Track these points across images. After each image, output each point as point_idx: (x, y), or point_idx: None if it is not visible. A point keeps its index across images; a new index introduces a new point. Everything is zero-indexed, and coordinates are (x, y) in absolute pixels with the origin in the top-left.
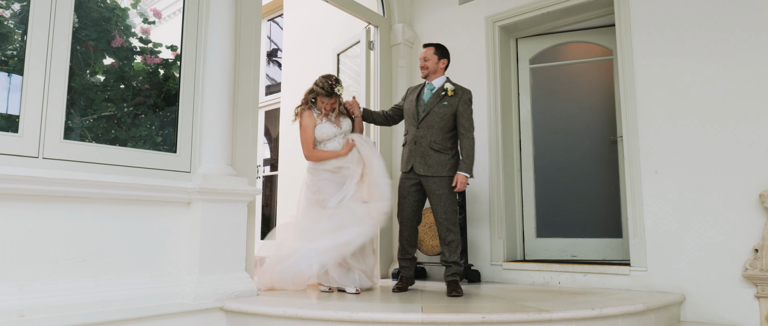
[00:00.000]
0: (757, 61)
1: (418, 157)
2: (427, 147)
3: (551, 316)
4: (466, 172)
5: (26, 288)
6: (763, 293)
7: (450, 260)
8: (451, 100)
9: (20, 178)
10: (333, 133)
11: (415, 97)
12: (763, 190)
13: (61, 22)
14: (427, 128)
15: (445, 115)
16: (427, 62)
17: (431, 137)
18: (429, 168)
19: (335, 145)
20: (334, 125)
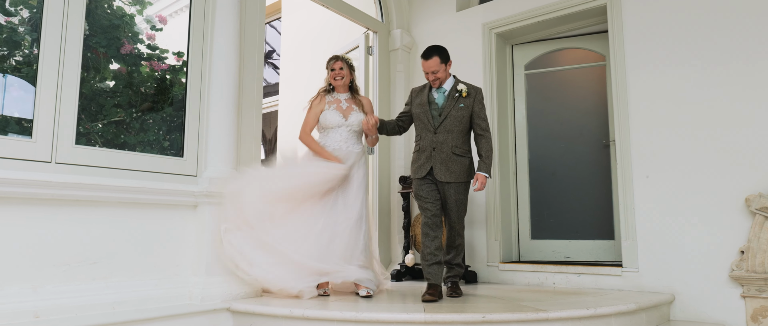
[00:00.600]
0: (743, 69)
1: (439, 163)
2: (450, 152)
3: (548, 315)
4: (486, 173)
5: (40, 289)
6: (749, 293)
7: (454, 262)
8: (467, 100)
9: (34, 183)
10: (337, 123)
11: (426, 100)
12: (749, 194)
13: (73, 30)
14: (446, 133)
15: (464, 118)
16: (437, 74)
17: (452, 142)
18: (451, 174)
19: (337, 137)
20: (340, 115)
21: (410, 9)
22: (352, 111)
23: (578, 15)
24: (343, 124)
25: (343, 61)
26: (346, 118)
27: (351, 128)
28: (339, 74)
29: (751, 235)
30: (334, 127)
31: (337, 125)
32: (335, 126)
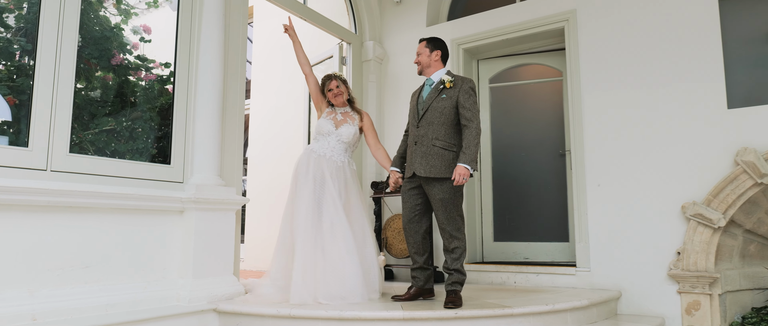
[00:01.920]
0: (680, 92)
1: (419, 158)
2: (430, 145)
3: (513, 311)
4: (466, 164)
5: (36, 293)
6: (684, 289)
7: (452, 268)
8: (450, 91)
9: (31, 190)
10: (327, 131)
11: (417, 97)
12: (685, 202)
13: (68, 42)
14: (427, 125)
15: (445, 109)
16: (419, 57)
17: (433, 134)
18: (431, 168)
19: (326, 144)
20: (332, 124)
21: (382, 22)
22: (344, 123)
23: (539, 35)
24: (332, 132)
25: (338, 79)
26: (337, 128)
27: (340, 139)
28: (337, 93)
29: (686, 238)
30: (324, 134)
31: (328, 133)
32: (326, 134)
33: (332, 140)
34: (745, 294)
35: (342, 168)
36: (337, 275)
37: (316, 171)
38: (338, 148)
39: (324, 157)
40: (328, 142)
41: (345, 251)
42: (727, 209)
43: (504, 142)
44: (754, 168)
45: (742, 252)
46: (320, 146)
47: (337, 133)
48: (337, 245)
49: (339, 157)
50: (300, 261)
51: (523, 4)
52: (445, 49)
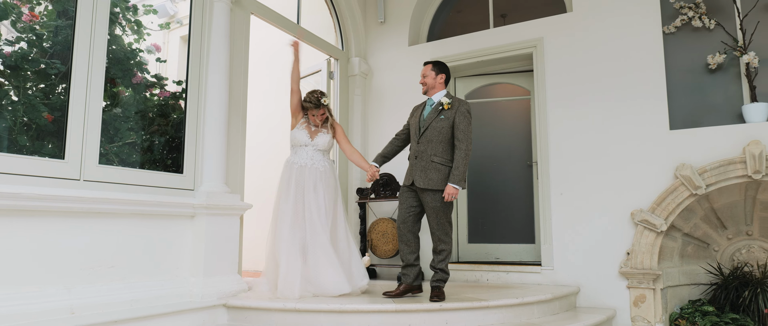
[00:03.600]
0: (632, 113)
1: (419, 171)
2: (429, 160)
3: (489, 304)
4: (455, 184)
5: (72, 290)
6: (632, 284)
7: (438, 266)
8: (448, 112)
9: (67, 198)
10: (303, 142)
11: (419, 114)
12: (634, 209)
13: (97, 65)
14: (427, 142)
15: (443, 128)
16: (425, 78)
17: (432, 150)
18: (429, 181)
19: (304, 154)
20: (307, 136)
21: (367, 40)
22: (319, 133)
23: (510, 58)
24: (309, 143)
25: (326, 108)
26: (312, 139)
27: (317, 148)
28: (320, 118)
29: (634, 241)
30: (301, 145)
31: (305, 144)
32: (303, 144)
33: (310, 150)
34: (684, 289)
35: (325, 173)
36: (321, 278)
37: (298, 182)
38: (317, 156)
39: (306, 166)
40: (307, 153)
41: (325, 258)
42: (668, 216)
43: (478, 153)
44: (690, 181)
45: (681, 253)
46: (300, 157)
47: (313, 144)
48: (318, 253)
49: (320, 163)
50: (284, 269)
51: (496, 30)
52: (449, 73)
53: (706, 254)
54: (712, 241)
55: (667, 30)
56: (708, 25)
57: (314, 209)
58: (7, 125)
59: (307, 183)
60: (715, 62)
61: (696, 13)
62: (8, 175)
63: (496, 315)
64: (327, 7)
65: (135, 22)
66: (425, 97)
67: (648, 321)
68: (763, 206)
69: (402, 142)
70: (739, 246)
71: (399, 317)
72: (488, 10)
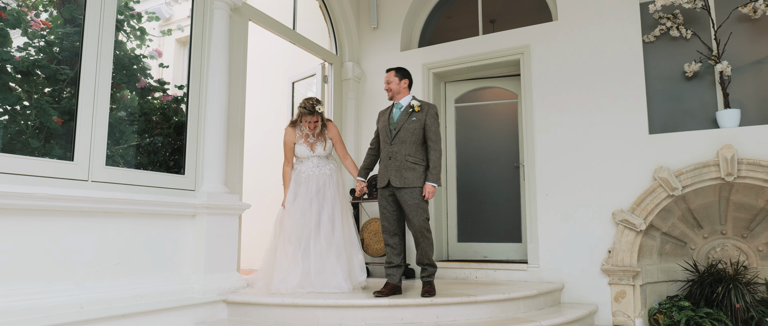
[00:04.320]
0: (612, 117)
1: (394, 171)
2: (403, 160)
3: (477, 299)
4: (433, 182)
5: (81, 285)
6: (613, 281)
7: (425, 262)
8: (419, 114)
9: (77, 198)
10: (306, 155)
11: (387, 118)
12: (615, 210)
13: (103, 71)
14: (400, 144)
15: (415, 130)
16: (390, 84)
17: (405, 151)
18: (404, 180)
19: (309, 164)
20: (308, 148)
21: (360, 45)
22: (317, 144)
23: (498, 64)
24: (311, 155)
25: (319, 115)
26: (313, 150)
27: (319, 156)
28: (315, 126)
29: (615, 239)
30: (304, 158)
31: (307, 157)
32: (305, 157)
33: (313, 160)
34: (662, 285)
35: (331, 176)
36: (325, 277)
37: (306, 188)
38: (320, 163)
39: (313, 176)
40: (311, 163)
41: (329, 259)
42: (647, 216)
43: (467, 155)
44: (668, 183)
45: (660, 251)
46: (305, 168)
47: (315, 154)
48: (322, 253)
49: (325, 167)
50: (285, 265)
51: (485, 37)
52: (411, 78)
53: (683, 252)
54: (689, 240)
55: (647, 39)
56: (685, 35)
57: (317, 210)
58: (20, 128)
59: (312, 187)
60: (691, 70)
61: (674, 23)
62: (21, 176)
63: (484, 309)
64: (322, 13)
65: (139, 29)
66: (391, 102)
67: (628, 315)
68: (736, 206)
69: (377, 152)
70: (714, 245)
71: (392, 311)
72: (478, 17)
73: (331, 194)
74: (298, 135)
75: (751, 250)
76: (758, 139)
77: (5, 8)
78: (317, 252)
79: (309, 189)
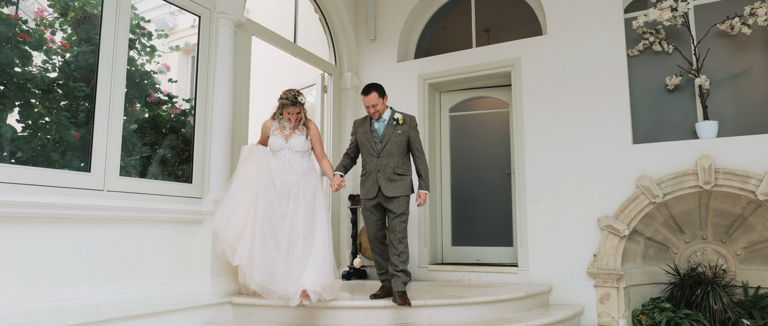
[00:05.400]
0: (597, 128)
1: (385, 182)
2: (392, 173)
3: (467, 300)
4: (426, 190)
5: (98, 288)
6: (598, 283)
7: (400, 269)
8: (403, 127)
9: (94, 207)
10: (279, 146)
11: (368, 129)
12: (600, 216)
13: (118, 88)
14: (388, 156)
15: (401, 142)
16: (376, 106)
17: (393, 164)
18: (395, 190)
19: (281, 158)
20: (282, 139)
21: (358, 56)
22: (293, 135)
23: (491, 75)
24: (284, 146)
25: (300, 106)
26: (287, 141)
27: (292, 149)
28: (295, 117)
29: (600, 244)
30: (277, 150)
31: (280, 148)
32: (279, 149)
33: (286, 153)
34: (645, 288)
35: (304, 174)
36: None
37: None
38: (294, 158)
39: (283, 169)
40: (284, 156)
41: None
42: (630, 222)
43: (461, 162)
44: (649, 191)
45: (643, 255)
46: (278, 161)
47: (288, 146)
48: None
49: (298, 164)
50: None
51: (478, 50)
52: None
53: (666, 256)
54: (671, 244)
55: (631, 53)
56: (667, 50)
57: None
58: (42, 142)
59: (282, 184)
60: (672, 83)
61: (656, 38)
62: (43, 187)
63: (474, 310)
64: (322, 25)
65: (150, 47)
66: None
67: (612, 316)
68: (716, 213)
69: (354, 158)
70: (695, 249)
71: (388, 312)
72: (471, 28)
73: (305, 193)
74: (275, 127)
75: (730, 254)
76: (734, 149)
77: (28, 31)
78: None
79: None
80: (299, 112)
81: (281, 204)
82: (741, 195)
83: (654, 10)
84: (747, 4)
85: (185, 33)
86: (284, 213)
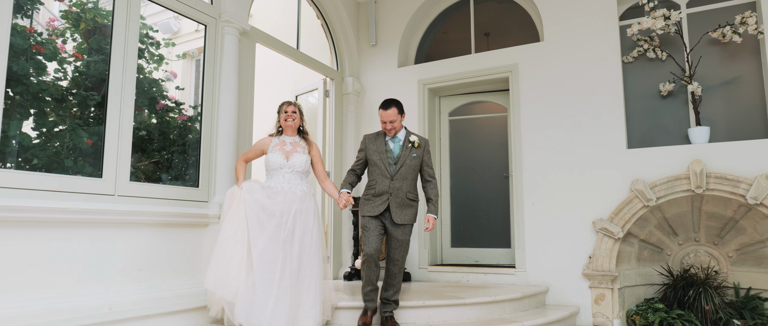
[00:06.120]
0: (593, 132)
1: (396, 207)
2: (404, 197)
3: (465, 301)
4: (435, 214)
5: (110, 289)
6: (593, 285)
7: (392, 299)
8: (418, 150)
9: (105, 211)
10: (278, 164)
11: (383, 148)
12: (595, 219)
13: (127, 96)
14: (402, 180)
15: (415, 166)
16: (393, 123)
17: (406, 188)
18: (405, 217)
19: (280, 178)
20: (282, 156)
21: (360, 61)
22: (294, 153)
23: (489, 81)
24: (284, 165)
25: (295, 106)
26: (288, 159)
27: (293, 169)
28: (291, 116)
29: (595, 246)
30: (276, 168)
31: (280, 166)
32: (278, 167)
33: (286, 172)
34: (640, 289)
35: (303, 198)
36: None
37: (274, 210)
38: (294, 179)
39: (281, 191)
40: (283, 176)
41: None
42: (624, 224)
43: (460, 165)
44: (643, 194)
45: (638, 257)
46: (276, 182)
47: (289, 165)
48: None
49: (298, 186)
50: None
51: (477, 55)
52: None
53: (660, 258)
54: (665, 246)
55: (626, 59)
56: (661, 57)
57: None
58: (56, 150)
59: (283, 209)
60: (666, 90)
61: (650, 45)
62: (57, 193)
63: (472, 311)
64: (323, 30)
65: (158, 56)
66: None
67: (607, 316)
68: (708, 216)
69: (361, 173)
70: (688, 251)
71: None
72: (471, 34)
73: (306, 220)
74: (274, 143)
75: (722, 256)
76: (725, 154)
77: (43, 43)
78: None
79: (278, 212)
80: (295, 111)
81: (276, 236)
82: (732, 199)
83: (647, 18)
84: (738, 13)
85: (188, 37)
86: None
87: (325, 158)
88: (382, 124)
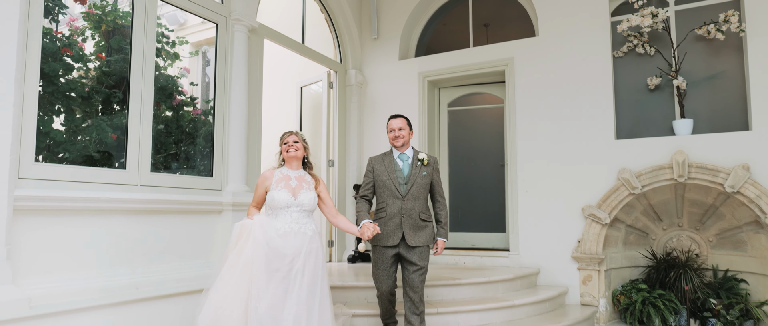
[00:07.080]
0: (584, 124)
1: (409, 229)
2: (417, 218)
3: (461, 281)
4: (445, 238)
5: (136, 270)
6: (581, 267)
7: (421, 320)
8: (428, 168)
9: (130, 200)
10: (285, 203)
11: (392, 168)
12: (584, 205)
13: (147, 93)
14: (413, 200)
15: (426, 185)
16: (402, 131)
17: (419, 208)
18: (420, 239)
19: (287, 217)
20: (289, 194)
21: (362, 54)
22: (301, 189)
23: (486, 73)
24: (292, 203)
25: (298, 135)
26: (296, 197)
27: (301, 208)
28: (293, 147)
29: (584, 231)
30: (282, 207)
31: (287, 205)
32: (284, 206)
33: (294, 212)
34: (625, 270)
35: (312, 239)
36: None
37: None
38: (302, 219)
39: (290, 232)
40: (291, 215)
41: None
42: (611, 211)
43: (458, 154)
44: (629, 183)
45: (624, 240)
46: (283, 222)
47: (297, 203)
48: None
49: (307, 226)
50: None
51: (475, 49)
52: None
53: (645, 241)
54: (650, 231)
55: (616, 54)
56: (649, 52)
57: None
58: (85, 144)
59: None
60: (653, 84)
61: (640, 41)
62: (87, 184)
63: (468, 290)
64: (327, 24)
65: (174, 54)
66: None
67: (593, 296)
68: (690, 203)
69: (371, 199)
70: (671, 235)
71: None
72: (469, 27)
73: (316, 263)
74: (277, 178)
75: (703, 241)
76: (707, 145)
77: (70, 45)
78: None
79: (285, 256)
80: (297, 141)
81: (281, 283)
82: (712, 187)
83: (636, 15)
84: (722, 11)
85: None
86: (285, 302)
87: (329, 149)
88: (390, 134)
